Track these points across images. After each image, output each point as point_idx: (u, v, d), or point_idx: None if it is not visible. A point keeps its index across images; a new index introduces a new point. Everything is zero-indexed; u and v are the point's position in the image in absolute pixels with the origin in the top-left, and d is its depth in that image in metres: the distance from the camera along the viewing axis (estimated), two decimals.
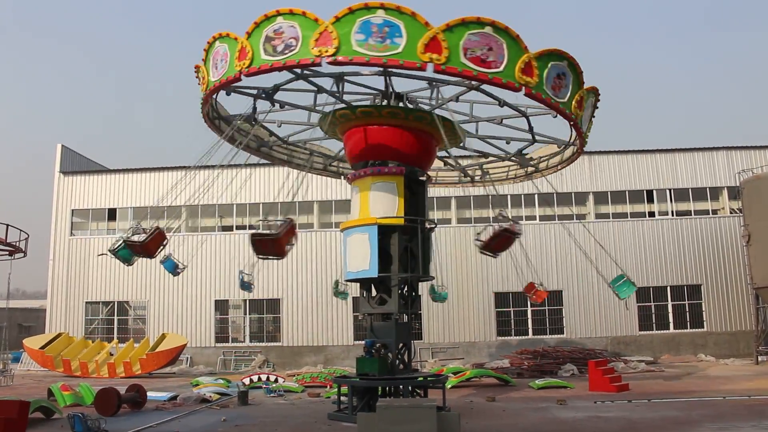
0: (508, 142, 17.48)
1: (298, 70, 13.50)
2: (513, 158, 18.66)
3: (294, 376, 22.92)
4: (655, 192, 30.87)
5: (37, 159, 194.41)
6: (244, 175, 24.30)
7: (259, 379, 21.53)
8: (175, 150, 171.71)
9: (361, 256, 14.18)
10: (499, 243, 16.32)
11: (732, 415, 13.76)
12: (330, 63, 11.65)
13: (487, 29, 11.61)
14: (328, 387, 19.88)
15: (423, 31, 11.32)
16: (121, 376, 25.52)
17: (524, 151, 18.48)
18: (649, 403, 15.82)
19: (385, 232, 14.24)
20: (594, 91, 14.35)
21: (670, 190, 30.83)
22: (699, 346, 29.08)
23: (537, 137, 17.07)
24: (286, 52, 11.74)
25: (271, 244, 12.81)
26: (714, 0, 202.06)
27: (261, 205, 31.04)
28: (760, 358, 25.89)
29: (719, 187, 30.85)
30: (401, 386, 13.98)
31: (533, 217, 30.49)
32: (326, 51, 11.37)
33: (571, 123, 14.08)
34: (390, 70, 13.63)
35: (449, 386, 18.76)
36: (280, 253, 13.01)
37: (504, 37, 11.74)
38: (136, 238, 14.64)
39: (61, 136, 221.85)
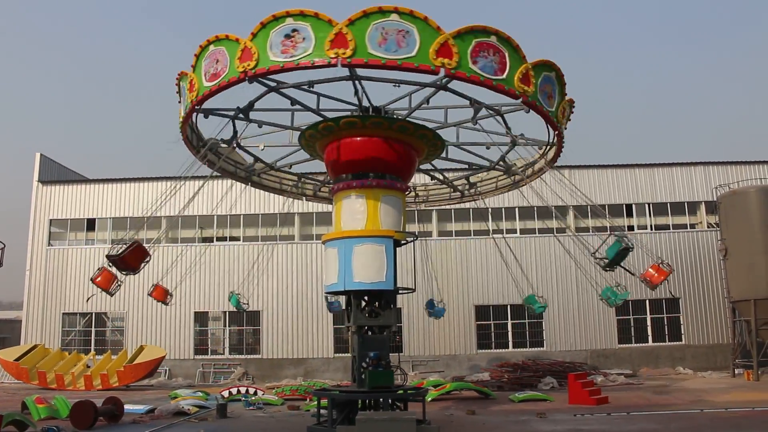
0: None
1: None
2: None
3: (273, 388, 22.75)
4: (634, 206, 31.23)
5: (15, 167, 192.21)
6: (224, 186, 24.09)
7: (239, 391, 21.36)
8: (151, 160, 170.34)
9: (375, 267, 14.07)
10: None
11: (709, 427, 13.91)
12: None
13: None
14: (308, 400, 19.77)
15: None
16: (98, 389, 25.14)
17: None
18: (628, 416, 15.90)
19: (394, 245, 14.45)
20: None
21: (648, 204, 31.20)
22: (677, 359, 29.33)
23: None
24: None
25: (120, 263, 13.83)
26: (690, 11, 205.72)
27: (242, 216, 30.95)
28: (736, 371, 26.15)
29: (697, 202, 31.28)
30: (381, 399, 13.92)
31: (514, 231, 30.66)
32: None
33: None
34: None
35: (429, 399, 18.71)
36: (132, 269, 14.05)
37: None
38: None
39: (40, 144, 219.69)
